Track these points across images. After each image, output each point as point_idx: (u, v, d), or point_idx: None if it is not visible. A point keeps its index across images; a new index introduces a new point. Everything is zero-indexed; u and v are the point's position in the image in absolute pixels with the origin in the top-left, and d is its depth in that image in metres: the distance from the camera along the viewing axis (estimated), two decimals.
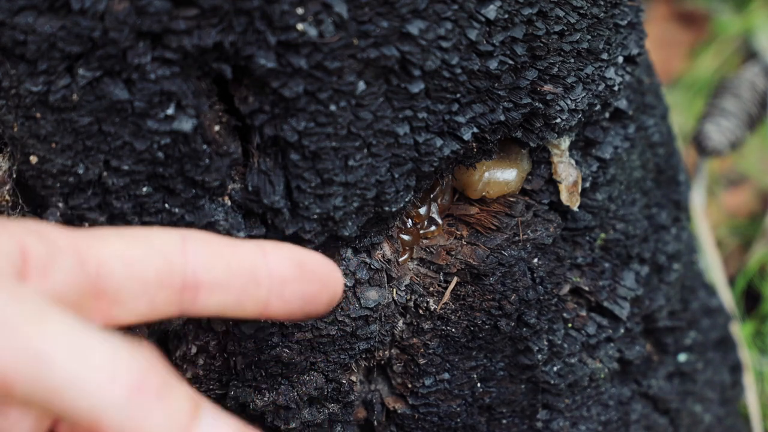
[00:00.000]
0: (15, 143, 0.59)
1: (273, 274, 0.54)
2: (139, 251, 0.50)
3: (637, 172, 0.77)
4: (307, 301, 0.55)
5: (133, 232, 0.51)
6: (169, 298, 0.51)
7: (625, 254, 0.77)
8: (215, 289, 0.52)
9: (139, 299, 0.51)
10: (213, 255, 0.52)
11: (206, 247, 0.52)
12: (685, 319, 0.84)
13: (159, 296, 0.51)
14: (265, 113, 0.58)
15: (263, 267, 0.53)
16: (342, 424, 0.70)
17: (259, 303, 0.54)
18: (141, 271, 0.50)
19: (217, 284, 0.52)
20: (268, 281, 0.54)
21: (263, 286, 0.53)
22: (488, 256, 0.69)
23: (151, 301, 0.51)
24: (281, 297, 0.54)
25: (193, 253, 0.52)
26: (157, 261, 0.51)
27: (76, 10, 0.53)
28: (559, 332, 0.73)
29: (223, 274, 0.52)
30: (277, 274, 0.54)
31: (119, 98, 0.55)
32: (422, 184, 0.66)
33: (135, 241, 0.51)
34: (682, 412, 0.85)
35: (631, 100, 0.74)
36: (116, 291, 0.50)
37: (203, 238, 0.53)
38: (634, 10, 0.70)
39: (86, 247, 0.49)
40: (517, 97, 0.65)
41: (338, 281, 0.56)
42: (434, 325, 0.69)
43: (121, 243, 0.50)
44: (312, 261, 0.55)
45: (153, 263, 0.51)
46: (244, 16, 0.55)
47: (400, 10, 0.57)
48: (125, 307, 0.50)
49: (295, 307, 0.55)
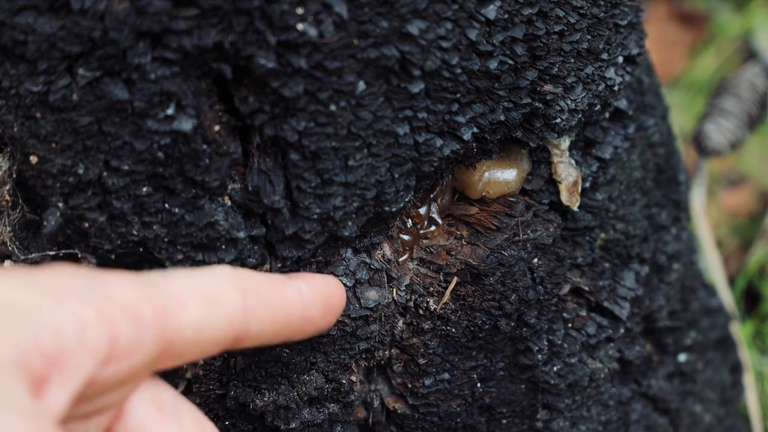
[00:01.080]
0: (15, 143, 0.59)
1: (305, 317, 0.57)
2: (210, 318, 0.53)
3: (637, 172, 0.77)
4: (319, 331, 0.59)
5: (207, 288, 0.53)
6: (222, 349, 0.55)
7: (625, 254, 0.77)
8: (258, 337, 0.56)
9: (196, 354, 0.54)
10: (266, 310, 0.55)
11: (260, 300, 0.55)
12: (685, 319, 0.84)
13: (213, 350, 0.54)
14: (265, 113, 0.58)
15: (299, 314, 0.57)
16: (342, 424, 0.70)
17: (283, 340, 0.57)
18: (208, 336, 0.53)
19: (262, 333, 0.56)
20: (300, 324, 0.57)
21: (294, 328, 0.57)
22: (488, 256, 0.69)
23: (205, 353, 0.54)
24: (302, 333, 0.58)
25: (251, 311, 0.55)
26: (223, 325, 0.53)
27: (76, 10, 0.53)
28: (559, 332, 0.73)
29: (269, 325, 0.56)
30: (308, 318, 0.58)
31: (119, 98, 0.55)
32: (422, 184, 0.66)
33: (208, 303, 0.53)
34: (682, 412, 0.84)
35: (631, 100, 0.74)
36: (181, 352, 0.53)
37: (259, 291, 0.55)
38: (634, 10, 0.70)
39: (168, 316, 0.51)
40: (517, 97, 0.65)
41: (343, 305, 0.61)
42: (434, 325, 0.69)
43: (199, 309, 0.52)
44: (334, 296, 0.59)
45: (220, 328, 0.53)
46: (244, 16, 0.55)
47: (400, 10, 0.57)
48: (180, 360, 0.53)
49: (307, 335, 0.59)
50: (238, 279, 0.55)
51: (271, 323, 0.55)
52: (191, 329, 0.52)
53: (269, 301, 0.55)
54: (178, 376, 0.67)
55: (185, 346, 0.52)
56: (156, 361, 0.52)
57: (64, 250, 0.62)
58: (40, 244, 0.62)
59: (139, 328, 0.50)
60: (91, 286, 0.49)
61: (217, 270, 0.55)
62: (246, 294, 0.54)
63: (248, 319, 0.54)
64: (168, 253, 0.61)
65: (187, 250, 0.61)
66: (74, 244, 0.61)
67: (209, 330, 0.53)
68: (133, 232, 0.60)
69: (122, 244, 0.61)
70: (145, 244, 0.60)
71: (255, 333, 0.55)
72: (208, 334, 0.53)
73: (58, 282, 0.48)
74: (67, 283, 0.48)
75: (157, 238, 0.60)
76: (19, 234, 0.62)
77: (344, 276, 0.65)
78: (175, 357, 0.52)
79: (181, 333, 0.52)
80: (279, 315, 0.56)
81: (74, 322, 0.47)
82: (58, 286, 0.48)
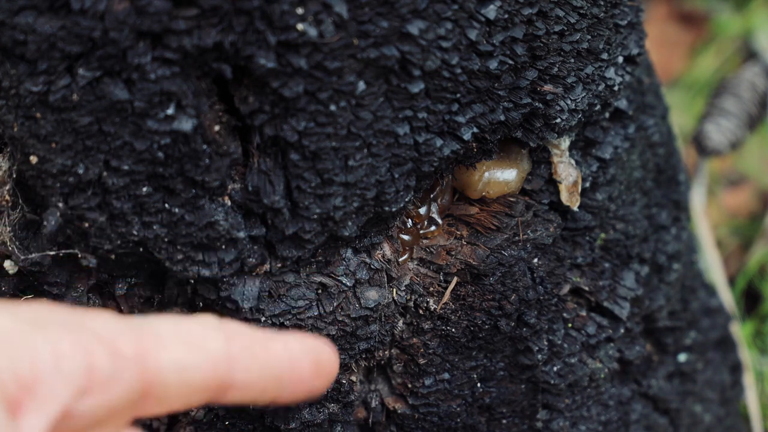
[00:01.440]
0: (15, 143, 0.59)
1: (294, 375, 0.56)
2: (192, 360, 0.52)
3: (637, 172, 0.77)
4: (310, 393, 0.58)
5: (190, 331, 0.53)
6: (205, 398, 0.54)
7: (625, 254, 0.77)
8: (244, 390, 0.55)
9: (180, 400, 0.53)
10: (251, 359, 0.54)
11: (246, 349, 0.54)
12: (685, 319, 0.84)
13: (196, 397, 0.53)
14: (265, 113, 0.58)
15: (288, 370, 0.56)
16: (342, 424, 0.70)
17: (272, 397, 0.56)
18: (191, 379, 0.52)
19: (248, 386, 0.55)
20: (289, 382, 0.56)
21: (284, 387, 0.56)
22: (488, 256, 0.69)
23: (188, 402, 0.53)
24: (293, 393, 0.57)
25: (236, 358, 0.54)
26: (206, 368, 0.53)
27: (76, 10, 0.53)
28: (559, 332, 0.73)
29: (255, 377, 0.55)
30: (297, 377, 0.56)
31: (119, 98, 0.55)
32: (422, 184, 0.66)
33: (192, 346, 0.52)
34: (682, 412, 0.85)
35: (631, 100, 0.74)
36: (162, 396, 0.52)
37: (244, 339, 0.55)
38: (634, 10, 0.70)
39: (149, 354, 0.51)
40: (517, 97, 0.65)
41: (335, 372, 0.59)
42: (434, 325, 0.69)
43: (180, 349, 0.52)
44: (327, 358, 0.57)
45: (203, 371, 0.53)
46: (244, 16, 0.55)
47: (400, 10, 0.57)
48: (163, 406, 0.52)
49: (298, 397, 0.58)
50: (223, 325, 0.54)
51: (258, 375, 0.55)
52: (173, 371, 0.51)
53: (255, 350, 0.55)
54: None
55: (168, 389, 0.52)
56: (137, 403, 0.51)
57: (64, 250, 0.62)
58: (40, 244, 0.62)
59: (117, 361, 0.49)
60: (70, 318, 0.49)
61: (202, 317, 0.54)
62: (230, 340, 0.54)
63: (233, 366, 0.53)
64: (168, 253, 0.61)
65: (187, 250, 0.61)
66: (74, 244, 0.61)
67: (192, 373, 0.52)
68: (133, 232, 0.60)
69: (122, 244, 0.61)
70: (145, 244, 0.60)
71: (241, 383, 0.54)
72: (190, 378, 0.52)
73: (38, 313, 0.48)
74: (46, 315, 0.48)
75: (157, 238, 0.60)
76: (19, 234, 0.62)
77: (344, 276, 0.65)
78: (157, 401, 0.52)
79: (162, 374, 0.51)
80: (266, 366, 0.55)
81: (51, 350, 0.47)
82: (38, 317, 0.48)
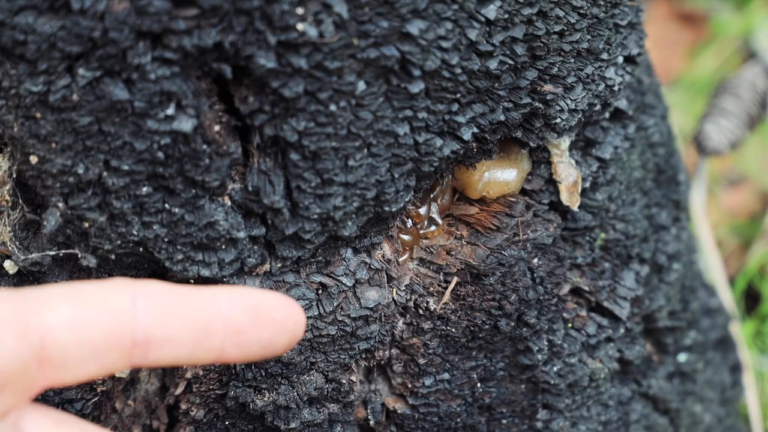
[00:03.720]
0: (15, 143, 0.59)
1: (228, 323, 0.53)
2: (86, 315, 0.50)
3: (637, 172, 0.77)
4: (264, 345, 0.55)
5: (82, 291, 0.51)
6: (119, 357, 0.51)
7: (625, 254, 0.77)
8: (167, 345, 0.52)
9: (87, 362, 0.51)
10: (164, 311, 0.52)
11: (157, 302, 0.52)
12: (685, 319, 0.84)
13: (108, 357, 0.51)
14: (265, 113, 0.58)
15: (218, 318, 0.53)
16: (342, 424, 0.70)
17: (214, 352, 0.53)
18: (89, 336, 0.50)
19: (169, 339, 0.52)
20: (223, 331, 0.53)
21: (218, 336, 0.53)
22: (488, 256, 0.69)
23: (99, 362, 0.51)
24: (237, 344, 0.54)
25: (144, 311, 0.51)
26: (105, 323, 0.50)
27: (76, 10, 0.53)
28: (559, 332, 0.73)
29: (174, 329, 0.52)
30: (232, 324, 0.53)
31: (119, 98, 0.55)
32: (422, 184, 0.66)
33: (82, 304, 0.50)
34: (682, 412, 0.85)
35: (631, 100, 0.74)
36: (63, 357, 0.50)
37: (155, 293, 0.52)
38: (634, 10, 0.70)
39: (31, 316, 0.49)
40: (517, 97, 0.65)
41: (298, 322, 0.56)
42: (434, 325, 0.69)
43: (68, 307, 0.50)
44: (269, 306, 0.55)
45: (101, 326, 0.50)
46: (244, 16, 0.55)
47: (400, 10, 0.57)
48: (72, 370, 0.50)
49: (252, 351, 0.55)
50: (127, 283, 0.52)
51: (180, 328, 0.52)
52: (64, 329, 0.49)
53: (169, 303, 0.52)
54: (178, 375, 0.67)
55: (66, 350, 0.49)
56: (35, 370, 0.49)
57: (64, 250, 0.62)
58: (40, 244, 0.62)
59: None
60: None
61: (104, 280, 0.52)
62: (135, 294, 0.51)
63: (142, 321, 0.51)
64: (168, 253, 0.61)
65: (187, 250, 0.61)
66: (74, 244, 0.61)
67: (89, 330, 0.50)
68: (133, 232, 0.60)
69: (122, 244, 0.61)
70: (145, 244, 0.60)
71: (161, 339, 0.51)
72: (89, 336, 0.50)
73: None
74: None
75: (157, 238, 0.60)
76: (19, 234, 0.62)
77: (344, 276, 0.65)
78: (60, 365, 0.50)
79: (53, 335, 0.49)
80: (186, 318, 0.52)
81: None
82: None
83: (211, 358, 0.54)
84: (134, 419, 0.70)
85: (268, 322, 0.54)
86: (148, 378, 0.69)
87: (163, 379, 0.69)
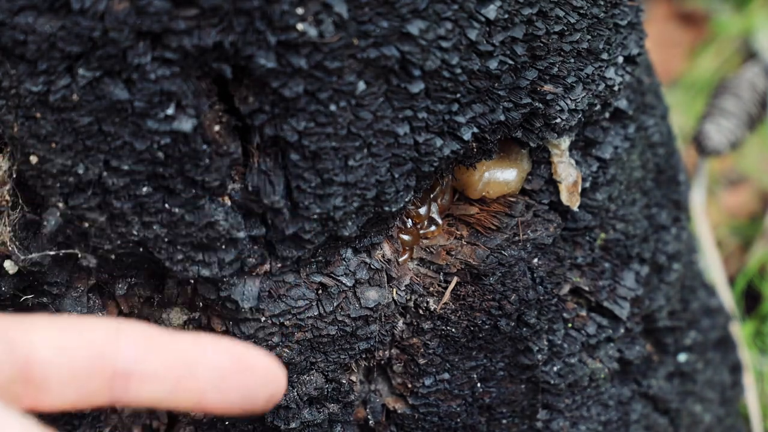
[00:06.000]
0: (15, 143, 0.59)
1: (211, 366, 0.53)
2: (70, 339, 0.51)
3: (637, 172, 0.77)
4: (245, 396, 0.55)
5: (67, 320, 0.52)
6: (99, 387, 0.52)
7: (625, 254, 0.77)
8: (147, 380, 0.52)
9: (68, 387, 0.51)
10: (147, 346, 0.52)
11: (141, 338, 0.52)
12: (685, 319, 0.84)
13: (88, 385, 0.51)
14: (265, 113, 0.58)
15: (201, 359, 0.53)
16: (342, 424, 0.70)
17: (194, 395, 0.53)
18: (71, 360, 0.51)
19: (150, 375, 0.52)
20: (206, 374, 0.53)
21: (200, 378, 0.53)
22: (488, 256, 0.69)
23: (79, 389, 0.51)
24: (218, 390, 0.54)
25: (126, 344, 0.52)
26: (87, 350, 0.51)
27: (76, 10, 0.53)
28: (559, 332, 0.73)
29: (156, 365, 0.52)
30: (215, 367, 0.53)
31: (119, 98, 0.55)
32: (422, 184, 0.66)
33: (67, 330, 0.51)
34: (682, 412, 0.85)
35: (631, 100, 0.74)
36: (45, 378, 0.50)
37: (139, 329, 0.53)
38: (634, 10, 0.70)
39: (17, 334, 0.50)
40: (517, 97, 0.65)
41: (279, 379, 0.56)
42: (434, 325, 0.69)
43: (52, 330, 0.51)
44: (251, 356, 0.55)
45: (83, 352, 0.51)
46: (244, 16, 0.55)
47: (400, 10, 0.57)
48: (53, 394, 0.51)
49: (233, 400, 0.54)
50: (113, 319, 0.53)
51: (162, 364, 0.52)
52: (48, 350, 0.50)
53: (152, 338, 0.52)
54: None
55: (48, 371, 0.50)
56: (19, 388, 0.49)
57: (64, 250, 0.62)
58: (40, 244, 0.62)
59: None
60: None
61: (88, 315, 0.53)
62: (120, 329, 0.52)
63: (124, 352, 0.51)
64: (168, 253, 0.61)
65: (187, 250, 0.61)
66: (74, 244, 0.61)
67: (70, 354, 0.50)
68: (133, 232, 0.60)
69: (122, 244, 0.61)
70: (145, 244, 0.60)
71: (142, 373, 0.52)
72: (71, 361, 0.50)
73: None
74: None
75: (157, 238, 0.60)
76: (19, 234, 0.62)
77: (344, 276, 0.65)
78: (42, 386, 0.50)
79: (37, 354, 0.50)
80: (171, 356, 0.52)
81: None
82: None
83: (191, 402, 0.53)
84: (134, 419, 0.70)
85: (250, 371, 0.54)
86: None
87: None
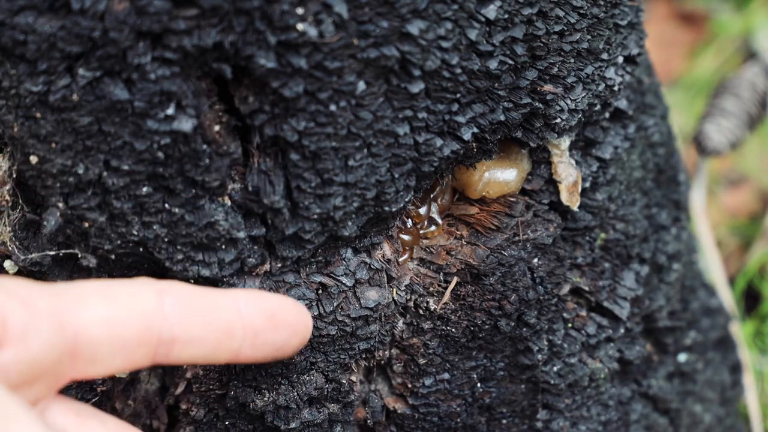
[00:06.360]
0: (15, 143, 0.59)
1: (246, 326, 0.56)
2: (119, 313, 0.52)
3: (637, 172, 0.77)
4: (277, 347, 0.58)
5: (114, 290, 0.53)
6: (145, 354, 0.53)
7: (625, 254, 0.77)
8: (190, 344, 0.54)
9: (116, 357, 0.52)
10: (190, 312, 0.54)
11: (183, 303, 0.54)
12: (685, 319, 0.84)
13: (135, 353, 0.53)
14: (265, 113, 0.58)
15: (238, 321, 0.56)
16: (342, 424, 0.70)
17: (231, 353, 0.56)
18: (120, 334, 0.52)
19: (192, 340, 0.54)
20: (242, 333, 0.56)
21: (236, 338, 0.56)
22: (488, 256, 0.69)
23: (127, 357, 0.53)
24: (253, 346, 0.56)
25: (171, 311, 0.53)
26: (136, 322, 0.52)
27: (76, 10, 0.53)
28: (559, 332, 0.73)
29: (198, 330, 0.54)
30: (250, 327, 0.56)
31: (119, 98, 0.55)
32: (422, 184, 0.66)
33: (115, 303, 0.52)
34: (682, 412, 0.85)
35: (631, 100, 0.74)
36: (94, 352, 0.51)
37: (181, 294, 0.54)
38: (634, 10, 0.70)
39: (66, 311, 0.51)
40: (517, 97, 0.65)
41: (308, 326, 0.59)
42: (434, 325, 0.69)
43: (101, 305, 0.52)
44: (284, 310, 0.57)
45: (132, 325, 0.52)
46: (244, 16, 0.55)
47: (400, 10, 0.57)
48: (101, 365, 0.52)
49: (265, 353, 0.57)
50: (155, 283, 0.54)
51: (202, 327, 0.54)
52: (99, 326, 0.51)
53: (194, 304, 0.54)
54: (178, 376, 0.67)
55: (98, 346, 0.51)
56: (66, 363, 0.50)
57: (64, 250, 0.62)
58: (40, 244, 0.62)
59: (31, 314, 0.49)
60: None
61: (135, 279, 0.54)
62: (162, 294, 0.53)
63: (169, 320, 0.53)
64: (168, 253, 0.61)
65: (187, 250, 0.61)
66: (74, 244, 0.61)
67: (121, 328, 0.51)
68: (133, 232, 0.60)
69: (122, 244, 0.61)
70: (145, 244, 0.60)
71: (184, 337, 0.53)
72: (121, 333, 0.51)
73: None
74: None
75: (157, 238, 0.60)
76: (19, 234, 0.62)
77: (344, 276, 0.65)
78: (90, 359, 0.51)
79: (87, 331, 0.51)
80: (209, 319, 0.54)
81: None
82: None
83: (227, 359, 0.56)
84: (134, 419, 0.70)
85: (282, 325, 0.57)
86: (148, 378, 0.69)
87: (163, 379, 0.69)
